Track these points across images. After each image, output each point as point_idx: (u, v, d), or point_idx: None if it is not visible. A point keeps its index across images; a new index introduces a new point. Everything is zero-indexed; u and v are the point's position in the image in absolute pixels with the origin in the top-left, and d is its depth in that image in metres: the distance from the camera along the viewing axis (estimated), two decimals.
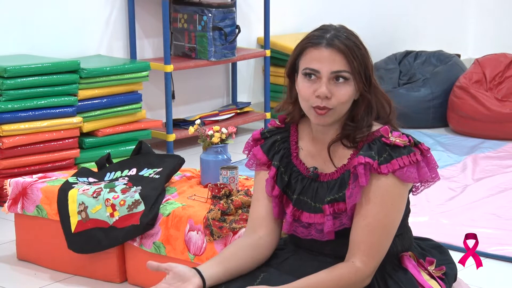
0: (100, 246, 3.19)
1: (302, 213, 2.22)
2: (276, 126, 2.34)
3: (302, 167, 2.25)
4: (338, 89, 2.13)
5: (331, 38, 2.14)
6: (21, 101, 4.17)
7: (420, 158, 2.15)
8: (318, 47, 2.15)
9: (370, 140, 2.16)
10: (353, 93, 2.15)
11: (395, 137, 2.15)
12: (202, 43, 5.15)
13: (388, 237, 2.16)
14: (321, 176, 2.22)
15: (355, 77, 2.14)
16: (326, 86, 2.13)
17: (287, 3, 6.10)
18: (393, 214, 2.15)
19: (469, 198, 4.21)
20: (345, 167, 2.18)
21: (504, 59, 5.88)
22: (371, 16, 6.53)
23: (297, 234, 2.24)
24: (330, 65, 2.13)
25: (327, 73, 2.13)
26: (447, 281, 2.30)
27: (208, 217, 2.94)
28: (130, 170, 3.36)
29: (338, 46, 2.13)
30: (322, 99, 2.13)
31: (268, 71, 5.66)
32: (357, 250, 2.12)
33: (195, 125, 3.33)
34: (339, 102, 2.14)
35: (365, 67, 2.16)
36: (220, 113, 5.44)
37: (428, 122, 5.81)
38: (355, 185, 2.12)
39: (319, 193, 2.21)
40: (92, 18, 4.97)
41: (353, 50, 2.13)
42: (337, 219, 2.16)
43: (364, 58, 2.15)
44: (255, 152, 2.31)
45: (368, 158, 2.11)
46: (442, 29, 7.37)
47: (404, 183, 2.14)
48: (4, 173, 4.13)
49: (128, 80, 4.61)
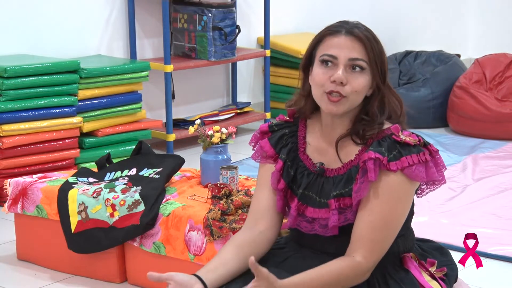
0: (100, 246, 3.19)
1: (307, 207, 2.22)
2: (284, 120, 2.34)
3: (308, 162, 2.25)
4: (354, 77, 2.14)
5: (351, 27, 2.16)
6: (21, 101, 4.17)
7: (429, 158, 2.15)
8: (338, 35, 2.16)
9: (380, 137, 2.16)
10: (367, 84, 2.15)
11: (406, 135, 2.15)
12: (202, 43, 5.15)
13: (391, 234, 2.16)
14: (327, 171, 2.22)
15: (371, 68, 2.14)
16: (342, 71, 2.13)
17: (287, 3, 6.10)
18: (398, 212, 2.15)
19: (469, 198, 4.21)
20: (352, 162, 2.18)
21: (504, 59, 5.88)
22: (371, 16, 6.53)
23: (301, 228, 2.23)
24: (349, 51, 2.13)
25: (345, 60, 2.13)
26: (448, 282, 2.30)
27: (208, 217, 2.94)
28: (130, 170, 3.36)
29: (358, 35, 2.14)
30: (337, 84, 2.13)
31: (268, 71, 5.66)
32: (359, 245, 2.12)
33: (195, 125, 3.33)
34: (353, 90, 2.13)
35: (382, 62, 2.16)
36: (220, 113, 5.44)
37: (428, 122, 5.80)
38: (363, 180, 2.12)
39: (325, 188, 2.21)
40: (92, 18, 4.97)
41: (372, 42, 2.15)
42: (342, 214, 2.16)
43: (381, 53, 2.16)
44: (262, 144, 2.30)
45: (378, 154, 2.11)
46: (442, 29, 7.37)
47: (412, 181, 2.14)
48: (4, 173, 4.13)
49: (128, 80, 4.61)
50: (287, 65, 5.78)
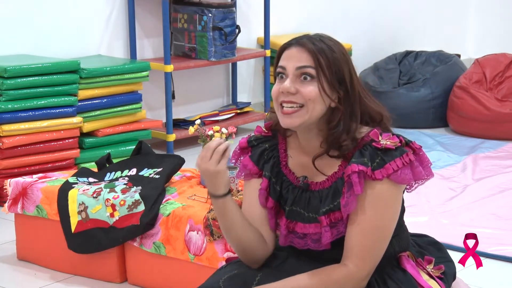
0: (100, 246, 3.19)
1: (296, 223, 2.20)
2: (263, 134, 2.31)
3: (292, 176, 2.23)
4: (304, 86, 2.12)
5: (301, 39, 2.17)
6: (21, 101, 4.17)
7: (413, 158, 2.13)
8: (289, 47, 2.17)
9: (361, 146, 2.14)
10: (318, 92, 2.11)
11: (386, 139, 2.13)
12: (202, 43, 5.15)
13: (383, 240, 2.14)
14: (312, 185, 2.20)
15: (322, 76, 2.11)
16: (290, 81, 2.12)
17: (287, 3, 6.10)
18: (388, 217, 2.14)
19: (469, 198, 4.21)
20: (336, 174, 2.16)
21: (504, 59, 5.88)
22: (371, 16, 6.53)
23: (294, 245, 2.22)
24: (296, 61, 2.14)
25: (293, 69, 2.13)
26: (446, 281, 2.29)
27: (208, 217, 2.94)
28: (130, 170, 3.36)
29: (306, 45, 2.14)
30: (286, 94, 2.12)
31: (268, 71, 5.66)
32: (351, 253, 2.11)
33: (195, 125, 3.32)
34: (305, 98, 2.11)
35: (338, 71, 2.13)
36: (220, 113, 5.44)
37: (428, 122, 5.81)
38: (350, 194, 2.10)
39: (312, 203, 2.19)
40: (92, 18, 4.97)
41: (322, 50, 2.13)
42: (334, 228, 2.15)
43: (336, 61, 2.13)
44: (245, 163, 2.30)
45: (362, 166, 2.09)
46: (442, 29, 7.37)
47: (399, 185, 2.13)
48: (4, 173, 4.14)
49: (128, 80, 4.62)
50: None
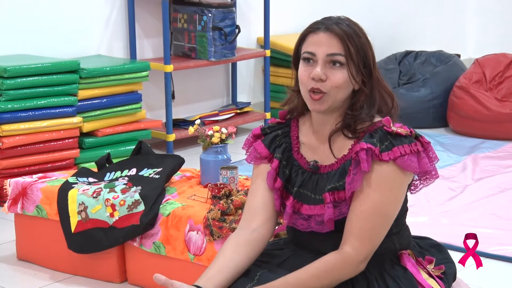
0: (100, 246, 3.19)
1: (302, 205, 2.23)
2: (276, 122, 2.36)
3: (302, 161, 2.26)
4: (334, 73, 2.16)
5: (330, 24, 2.19)
6: (21, 101, 4.17)
7: (421, 149, 2.16)
8: (317, 32, 2.19)
9: (372, 130, 2.17)
10: (348, 79, 2.16)
11: (397, 127, 2.17)
12: (202, 43, 5.15)
13: (383, 225, 2.15)
14: (321, 168, 2.23)
15: (351, 63, 2.16)
16: (321, 68, 2.16)
17: (287, 3, 6.10)
18: (391, 201, 2.15)
19: (469, 198, 4.21)
20: (345, 157, 2.19)
21: (504, 59, 5.88)
22: (371, 16, 6.53)
23: (297, 226, 2.24)
24: (326, 48, 2.16)
25: (323, 56, 2.16)
26: (446, 281, 2.30)
27: (208, 217, 2.94)
28: (130, 170, 3.37)
29: (335, 31, 2.17)
30: (316, 81, 2.16)
31: (268, 71, 5.66)
32: (349, 236, 2.12)
33: (195, 125, 3.33)
34: (333, 86, 2.15)
35: (364, 56, 2.18)
36: (220, 113, 5.44)
37: (428, 122, 5.81)
38: (357, 171, 2.13)
39: (319, 185, 2.21)
40: (92, 18, 4.97)
41: (351, 36, 2.17)
42: (336, 208, 2.16)
43: (363, 46, 2.18)
44: (256, 147, 2.32)
45: (370, 144, 2.12)
46: (442, 29, 7.37)
47: (405, 172, 2.14)
48: (4, 173, 4.14)
49: (128, 80, 4.62)
50: (287, 65, 5.77)
